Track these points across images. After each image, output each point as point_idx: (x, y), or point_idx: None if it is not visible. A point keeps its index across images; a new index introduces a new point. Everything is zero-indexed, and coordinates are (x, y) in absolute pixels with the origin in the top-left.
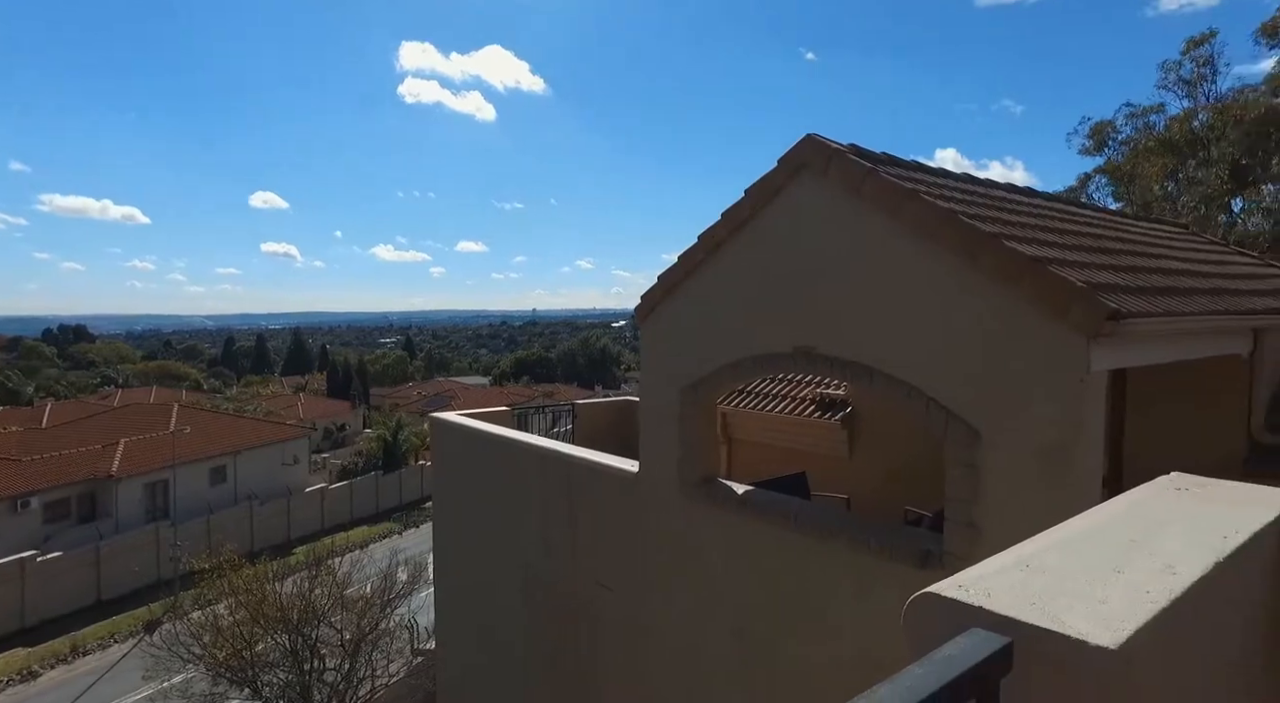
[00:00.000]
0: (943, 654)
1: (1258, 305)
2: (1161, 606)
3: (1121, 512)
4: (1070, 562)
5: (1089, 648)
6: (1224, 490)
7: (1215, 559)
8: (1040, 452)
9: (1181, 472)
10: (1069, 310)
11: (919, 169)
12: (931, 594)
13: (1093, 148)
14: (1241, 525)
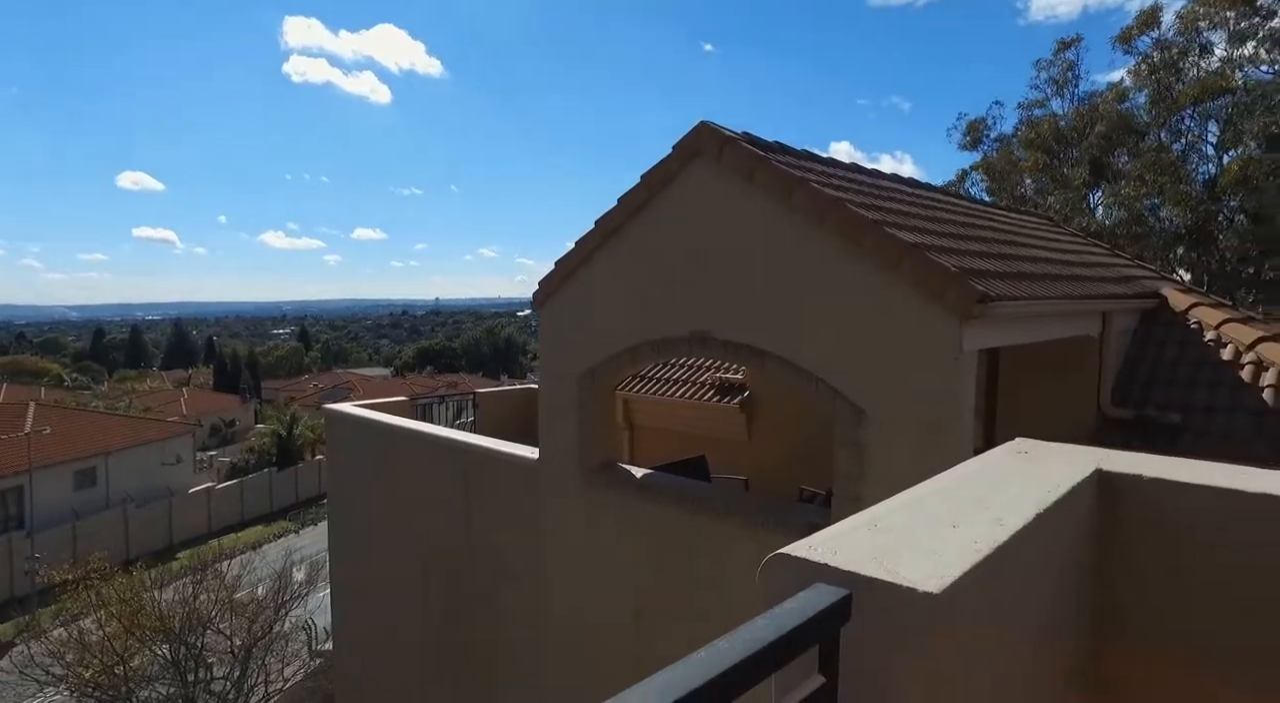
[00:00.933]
0: (783, 608)
1: (1106, 291)
2: (985, 554)
3: (970, 473)
4: (915, 519)
5: (917, 595)
6: (1056, 452)
7: (1037, 511)
8: (919, 427)
9: None
10: (944, 294)
11: (809, 158)
12: (782, 554)
13: (968, 143)
14: (1063, 481)
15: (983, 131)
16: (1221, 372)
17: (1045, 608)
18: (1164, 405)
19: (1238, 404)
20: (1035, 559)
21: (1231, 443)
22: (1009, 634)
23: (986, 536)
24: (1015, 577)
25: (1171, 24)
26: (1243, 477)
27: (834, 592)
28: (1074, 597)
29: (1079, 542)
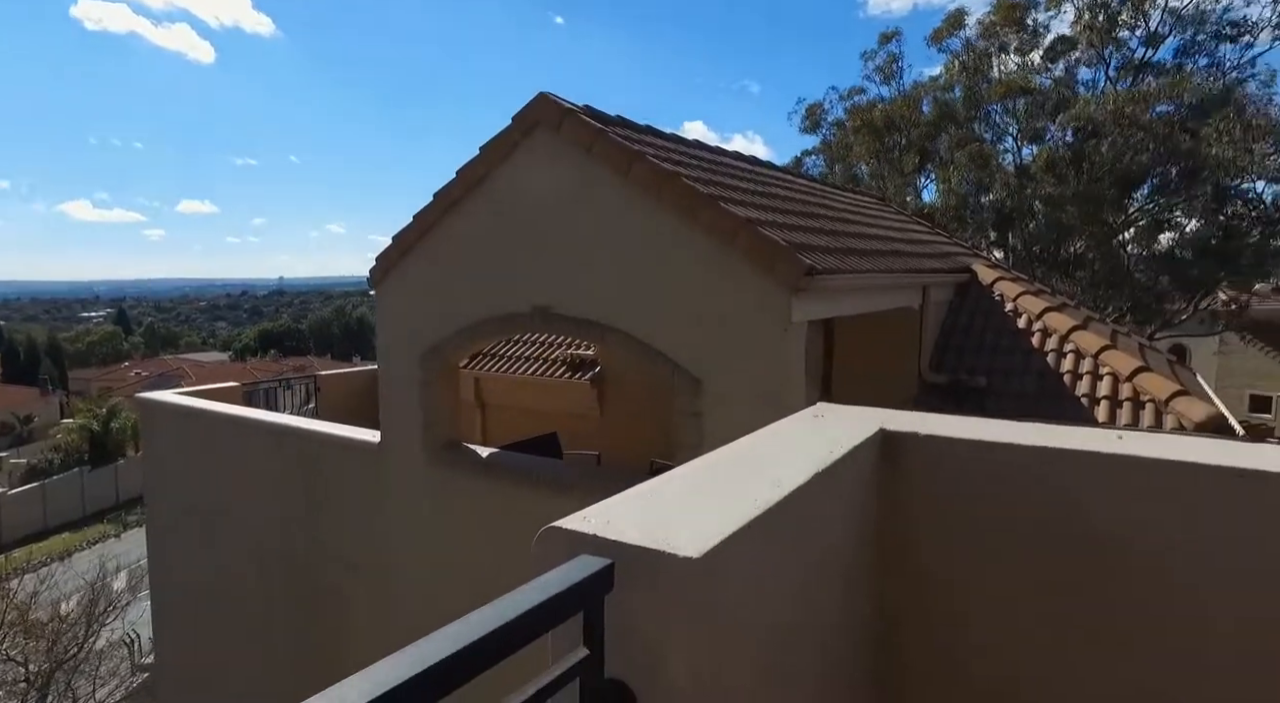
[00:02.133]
0: (545, 579)
1: (925, 266)
2: (754, 515)
3: (764, 438)
4: (698, 485)
5: (677, 560)
6: (847, 414)
7: (815, 470)
8: (754, 396)
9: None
10: (774, 267)
11: (650, 132)
12: (554, 527)
13: (808, 127)
14: (847, 441)
15: (820, 116)
16: (1017, 339)
17: (831, 560)
18: (973, 370)
19: (1029, 367)
20: (816, 516)
21: (1023, 401)
22: (787, 589)
23: (762, 497)
24: (793, 534)
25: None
26: (994, 429)
27: (597, 562)
28: (862, 547)
29: (866, 496)
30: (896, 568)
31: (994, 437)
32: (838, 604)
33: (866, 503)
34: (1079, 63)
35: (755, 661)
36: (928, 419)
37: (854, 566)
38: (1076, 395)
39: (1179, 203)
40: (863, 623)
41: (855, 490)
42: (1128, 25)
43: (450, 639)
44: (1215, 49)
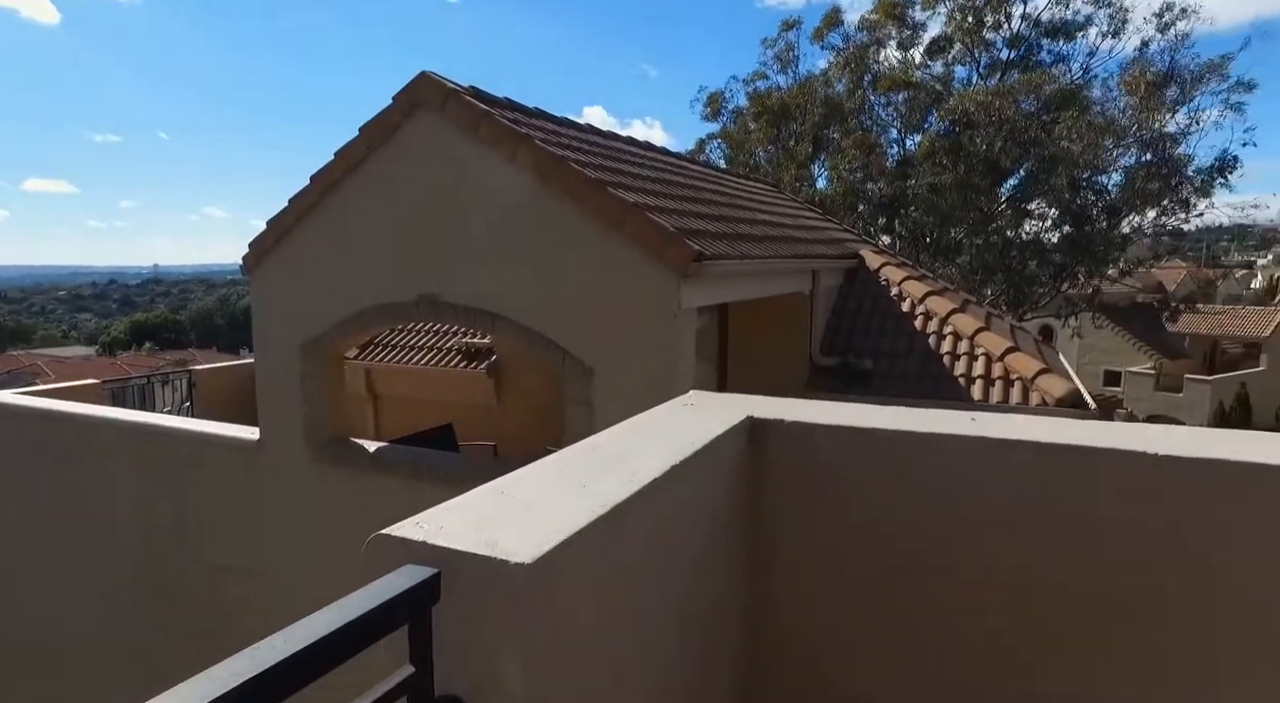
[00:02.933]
0: (361, 594)
1: (815, 251)
2: (600, 513)
3: (627, 429)
4: (548, 482)
5: (508, 566)
6: (717, 402)
7: (674, 462)
8: (644, 383)
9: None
10: (663, 252)
11: (540, 116)
12: (382, 535)
13: (709, 114)
14: (711, 430)
15: (721, 103)
16: (902, 322)
17: (694, 553)
18: (861, 353)
19: (912, 349)
20: (676, 508)
21: (907, 382)
22: (643, 588)
23: (612, 493)
24: (648, 529)
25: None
26: (857, 414)
27: (421, 571)
28: (730, 537)
29: (733, 485)
30: (766, 557)
31: (856, 421)
32: (703, 598)
33: (734, 492)
34: (954, 60)
35: (608, 664)
36: (794, 405)
37: (721, 557)
38: (955, 375)
39: (1042, 193)
40: (732, 615)
41: (721, 480)
42: (992, 27)
43: (251, 663)
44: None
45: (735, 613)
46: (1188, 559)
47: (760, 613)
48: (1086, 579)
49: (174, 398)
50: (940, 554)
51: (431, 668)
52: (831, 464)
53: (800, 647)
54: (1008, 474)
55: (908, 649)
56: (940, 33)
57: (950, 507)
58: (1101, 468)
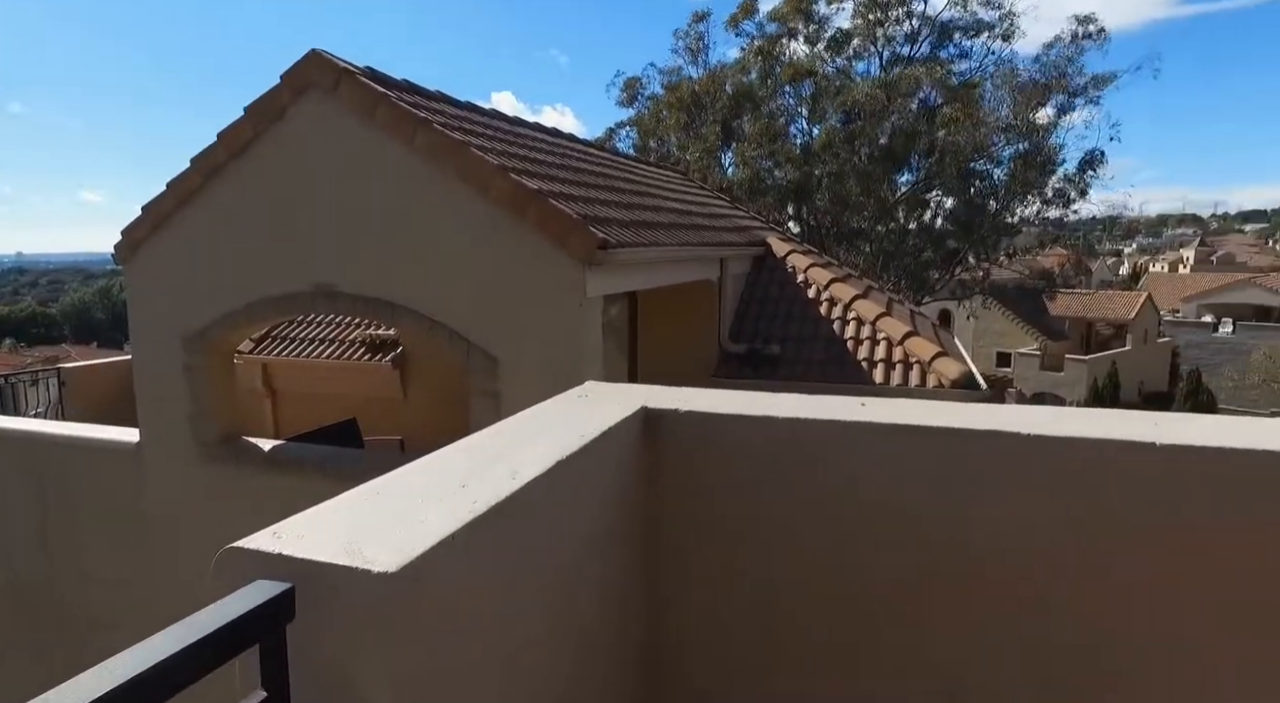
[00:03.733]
0: (207, 612)
1: (723, 239)
2: (476, 515)
3: (516, 423)
4: (424, 483)
5: (371, 577)
6: (612, 393)
7: (559, 458)
8: (550, 373)
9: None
10: (568, 240)
11: (441, 99)
12: (234, 548)
13: (625, 100)
14: (605, 422)
15: (637, 90)
16: (808, 308)
17: (586, 551)
18: (769, 339)
19: (818, 335)
20: (562, 508)
21: (813, 366)
22: (529, 590)
23: (492, 493)
24: (532, 528)
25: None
26: (752, 402)
27: (273, 587)
28: (626, 532)
29: (627, 479)
30: (665, 552)
31: (750, 409)
32: (593, 601)
33: (628, 487)
34: (855, 55)
35: (486, 678)
36: (690, 395)
37: (615, 553)
38: (858, 360)
39: (936, 182)
40: (625, 619)
41: (613, 475)
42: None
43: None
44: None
45: (628, 616)
46: (1062, 535)
47: (656, 615)
48: (971, 564)
49: (48, 397)
50: (839, 543)
51: (287, 693)
52: (727, 454)
53: (700, 648)
54: (895, 459)
55: (814, 647)
56: (843, 28)
57: (846, 493)
58: (973, 449)
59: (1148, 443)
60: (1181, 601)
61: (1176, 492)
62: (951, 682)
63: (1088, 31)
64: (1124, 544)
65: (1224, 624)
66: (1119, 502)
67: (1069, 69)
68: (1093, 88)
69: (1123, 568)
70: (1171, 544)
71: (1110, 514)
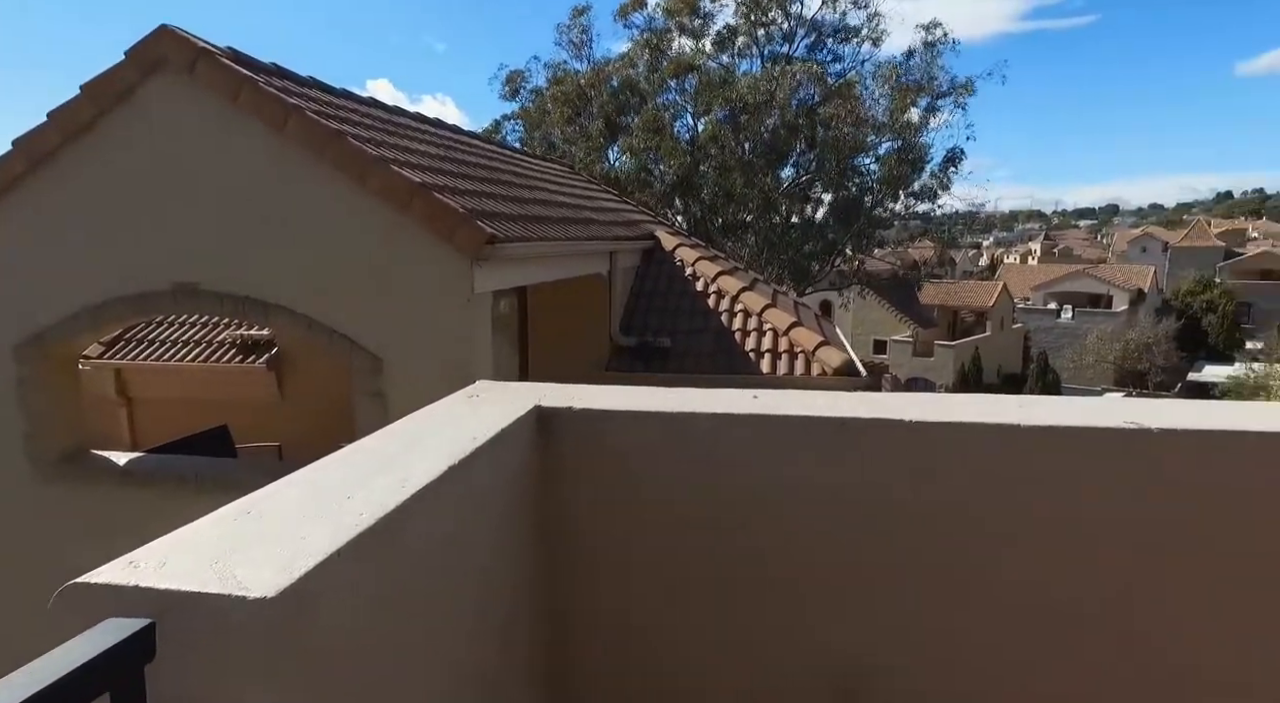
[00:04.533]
0: (43, 662)
1: (612, 233)
2: (364, 528)
3: (406, 426)
4: (306, 496)
5: (246, 604)
6: (505, 392)
7: (451, 463)
8: (439, 371)
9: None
10: (454, 235)
11: (314, 85)
12: (79, 585)
13: (509, 93)
14: (498, 423)
15: (521, 83)
16: (697, 301)
17: (482, 560)
18: (659, 332)
19: (707, 327)
20: (457, 515)
21: (702, 358)
22: (422, 610)
23: (380, 503)
24: (425, 542)
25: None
26: (644, 397)
27: (127, 625)
28: (522, 537)
29: (524, 481)
30: (563, 555)
31: (643, 405)
32: (498, 611)
33: (525, 490)
34: (739, 51)
35: (386, 699)
36: (582, 392)
37: (514, 563)
38: (746, 351)
39: (817, 177)
40: (533, 627)
41: (510, 478)
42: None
43: None
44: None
45: (536, 624)
46: (947, 517)
47: (560, 618)
48: (865, 549)
49: None
50: (736, 534)
51: None
52: (622, 451)
53: (606, 648)
54: (787, 449)
55: (718, 637)
56: (727, 24)
57: (740, 485)
58: (861, 437)
59: (1014, 425)
60: (1060, 573)
61: (1041, 468)
62: (849, 662)
63: (936, 38)
64: (1003, 522)
65: (1102, 591)
66: (994, 480)
67: (932, 72)
68: (956, 92)
69: (1005, 545)
70: (1040, 517)
71: (988, 494)
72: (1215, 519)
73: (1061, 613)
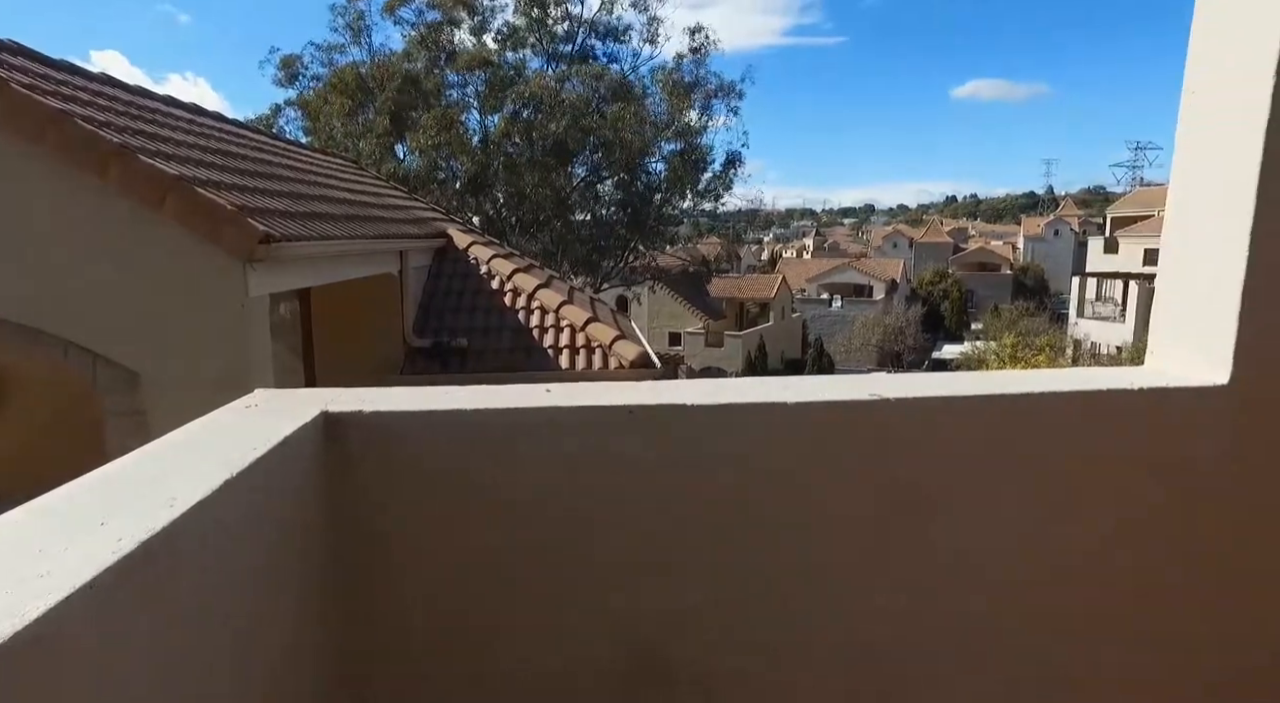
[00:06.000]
0: None
1: (402, 231)
2: (124, 553)
3: (172, 441)
4: (47, 524)
5: None
6: (288, 400)
7: (226, 478)
8: (211, 384)
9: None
10: (221, 234)
11: (23, 53)
12: None
13: (285, 79)
14: (280, 432)
15: (299, 69)
16: (493, 299)
17: (268, 587)
18: (455, 332)
19: (504, 325)
20: (236, 536)
21: (500, 357)
22: (196, 645)
23: (142, 528)
24: (198, 569)
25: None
26: (437, 397)
27: None
28: (316, 558)
29: (313, 494)
30: (362, 561)
31: (438, 405)
32: (289, 631)
33: (314, 500)
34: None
35: None
36: (374, 394)
37: (305, 578)
38: (544, 347)
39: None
40: (327, 640)
41: (296, 491)
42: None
43: None
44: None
45: (326, 645)
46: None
47: (359, 636)
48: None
49: None
50: (536, 524)
51: None
52: (416, 452)
53: (411, 664)
54: (577, 442)
55: (530, 624)
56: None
57: (540, 480)
58: (648, 422)
59: (782, 403)
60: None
61: (804, 440)
62: (648, 634)
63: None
64: (776, 494)
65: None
66: (766, 455)
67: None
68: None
69: (786, 516)
70: (809, 484)
71: (762, 468)
72: (946, 475)
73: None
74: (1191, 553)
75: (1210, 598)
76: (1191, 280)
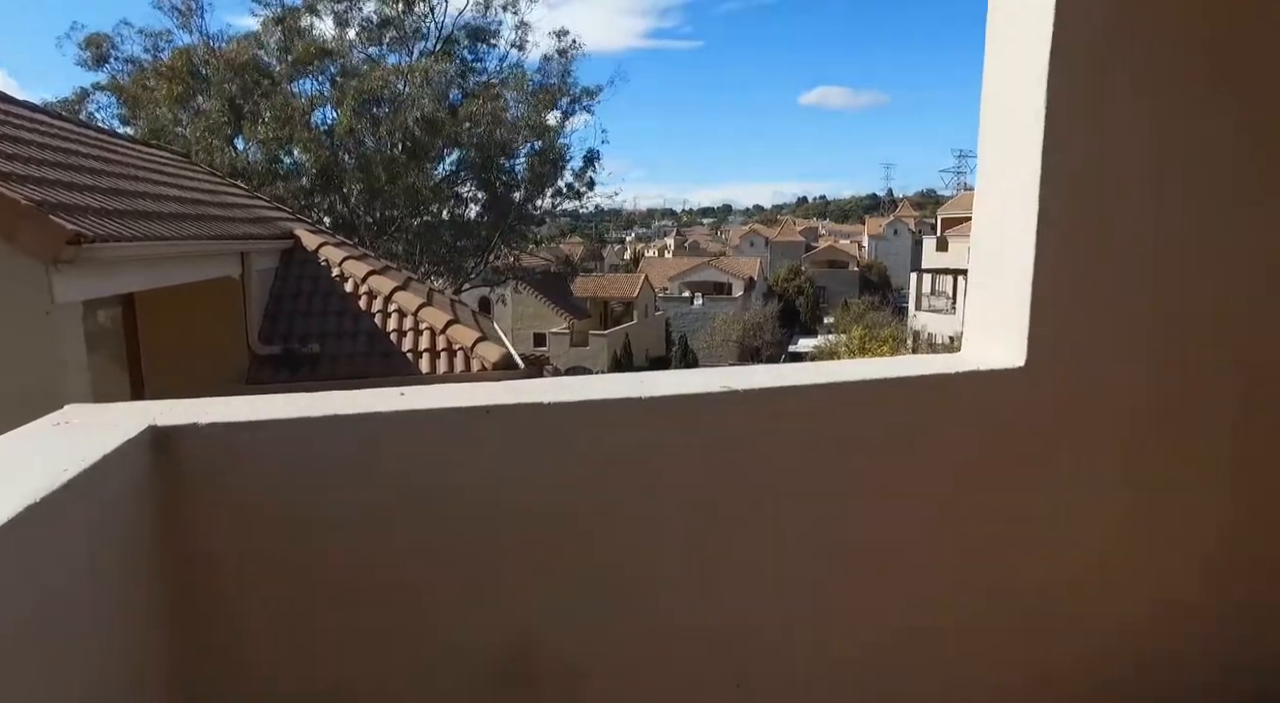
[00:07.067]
0: None
1: (242, 231)
2: None
3: None
4: None
5: None
6: (107, 415)
7: (29, 503)
8: (13, 401)
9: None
10: (17, 233)
11: None
12: None
13: (92, 61)
14: (99, 450)
15: (109, 50)
16: (347, 302)
17: (87, 620)
18: (305, 337)
19: (359, 329)
20: (49, 571)
21: (356, 362)
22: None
23: None
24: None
25: None
26: (285, 405)
27: None
28: (148, 587)
29: (141, 516)
30: (203, 579)
31: (281, 413)
32: (113, 672)
33: (141, 523)
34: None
35: None
36: (209, 405)
37: (138, 596)
38: (403, 351)
39: (465, 175)
40: (159, 679)
41: (118, 512)
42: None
43: None
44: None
45: (159, 684)
46: (593, 491)
47: (197, 667)
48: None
49: None
50: (395, 531)
51: None
52: (262, 464)
53: (274, 671)
54: (439, 442)
55: (393, 631)
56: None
57: (394, 482)
58: (507, 421)
59: (637, 397)
60: (682, 526)
61: (658, 430)
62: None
63: (566, 45)
64: (637, 487)
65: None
66: (624, 447)
67: (566, 78)
68: (587, 97)
69: (644, 508)
70: (662, 470)
71: (621, 460)
72: (790, 459)
73: (687, 561)
74: (1011, 513)
75: (1028, 543)
76: (993, 276)
